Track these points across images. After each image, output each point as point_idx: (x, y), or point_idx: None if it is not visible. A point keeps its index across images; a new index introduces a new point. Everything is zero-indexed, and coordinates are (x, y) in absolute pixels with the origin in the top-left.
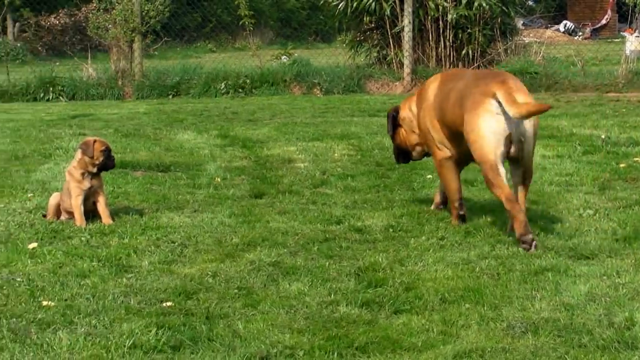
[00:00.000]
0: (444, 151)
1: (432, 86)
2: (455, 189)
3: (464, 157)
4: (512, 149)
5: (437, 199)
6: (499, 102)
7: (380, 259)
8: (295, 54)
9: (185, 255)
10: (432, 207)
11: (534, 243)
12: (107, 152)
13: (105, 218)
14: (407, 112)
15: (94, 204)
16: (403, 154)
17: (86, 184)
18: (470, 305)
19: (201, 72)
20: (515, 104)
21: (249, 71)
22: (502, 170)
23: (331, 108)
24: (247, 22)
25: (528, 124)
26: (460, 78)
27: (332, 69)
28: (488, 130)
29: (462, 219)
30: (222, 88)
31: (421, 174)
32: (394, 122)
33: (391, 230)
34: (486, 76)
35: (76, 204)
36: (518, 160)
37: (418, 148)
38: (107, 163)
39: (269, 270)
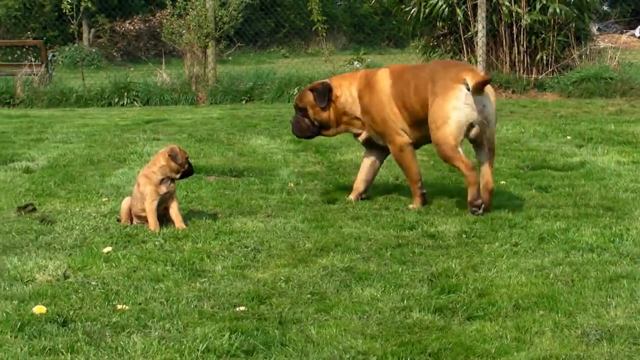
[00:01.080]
0: (405, 137)
1: (382, 79)
2: (416, 172)
3: (422, 140)
4: (474, 132)
5: (361, 187)
6: (468, 88)
7: (453, 265)
8: (368, 59)
9: (258, 260)
10: (352, 197)
11: (482, 207)
12: (188, 158)
13: (179, 223)
14: (346, 94)
15: (166, 209)
16: (316, 130)
17: (163, 189)
18: (544, 312)
19: (274, 78)
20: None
21: (321, 76)
22: (461, 149)
23: None
24: (320, 28)
25: (491, 109)
26: (419, 68)
27: None
28: (455, 117)
29: (424, 197)
30: (295, 93)
31: (494, 179)
32: (330, 96)
33: (464, 236)
34: (456, 64)
35: (150, 209)
36: (483, 141)
37: (341, 127)
38: (190, 170)
39: (341, 275)
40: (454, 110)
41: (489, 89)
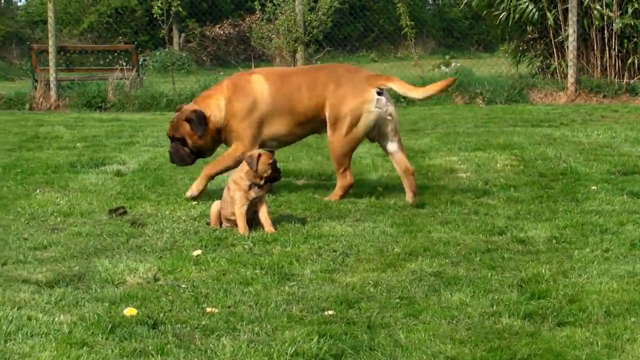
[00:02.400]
0: (253, 147)
1: (258, 85)
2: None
3: (291, 140)
4: (389, 127)
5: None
6: (379, 92)
7: (543, 271)
8: (457, 63)
9: (347, 264)
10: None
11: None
12: (273, 164)
13: (268, 227)
14: (215, 112)
15: (255, 212)
16: (194, 157)
17: (252, 194)
18: (635, 319)
19: None
20: (415, 88)
21: (410, 81)
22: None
23: (493, 118)
24: (408, 32)
25: (392, 106)
26: (308, 71)
27: (495, 78)
28: (365, 119)
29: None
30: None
31: (585, 184)
32: (206, 122)
33: (554, 241)
34: (358, 69)
35: (240, 213)
36: (394, 133)
37: (216, 145)
38: (274, 175)
39: (430, 280)
40: (365, 114)
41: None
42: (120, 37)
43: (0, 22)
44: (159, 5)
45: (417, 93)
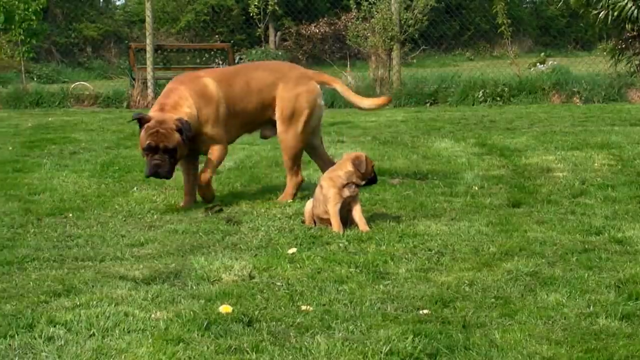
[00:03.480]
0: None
1: (213, 87)
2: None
3: (235, 138)
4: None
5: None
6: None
7: None
8: (554, 62)
9: (442, 264)
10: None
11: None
12: (373, 166)
13: (362, 225)
14: (192, 119)
15: (349, 211)
16: (174, 167)
17: (346, 192)
18: None
19: (459, 81)
20: (359, 97)
21: (507, 79)
22: None
23: (591, 117)
24: (505, 30)
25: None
26: (250, 70)
27: (592, 77)
28: (316, 114)
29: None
30: (479, 96)
31: None
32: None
33: None
34: (297, 66)
35: (334, 211)
36: (318, 130)
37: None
38: (374, 179)
39: (526, 280)
40: (317, 107)
41: None
42: (216, 36)
43: (99, 21)
44: (256, 4)
45: (362, 102)
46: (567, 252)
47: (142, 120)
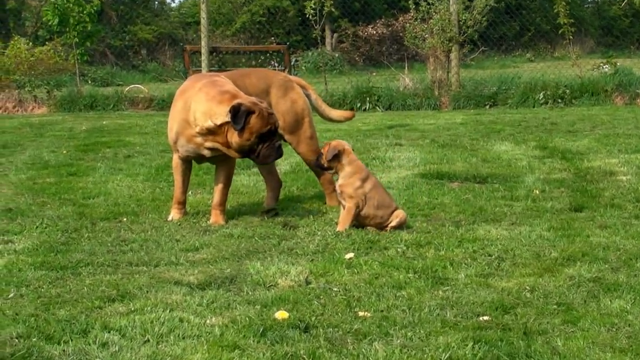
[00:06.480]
0: None
1: None
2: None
3: None
4: None
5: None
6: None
7: None
8: (618, 63)
9: (503, 269)
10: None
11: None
12: None
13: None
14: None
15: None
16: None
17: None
18: None
19: (519, 82)
20: (329, 107)
21: (568, 81)
22: None
23: None
24: (566, 31)
25: None
26: (241, 76)
27: None
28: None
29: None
30: (540, 98)
31: None
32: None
33: None
34: (277, 72)
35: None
36: None
37: None
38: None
39: (589, 286)
40: (309, 110)
41: None
42: (272, 38)
43: (153, 23)
44: (312, 5)
45: (331, 113)
46: (631, 257)
47: (240, 107)
